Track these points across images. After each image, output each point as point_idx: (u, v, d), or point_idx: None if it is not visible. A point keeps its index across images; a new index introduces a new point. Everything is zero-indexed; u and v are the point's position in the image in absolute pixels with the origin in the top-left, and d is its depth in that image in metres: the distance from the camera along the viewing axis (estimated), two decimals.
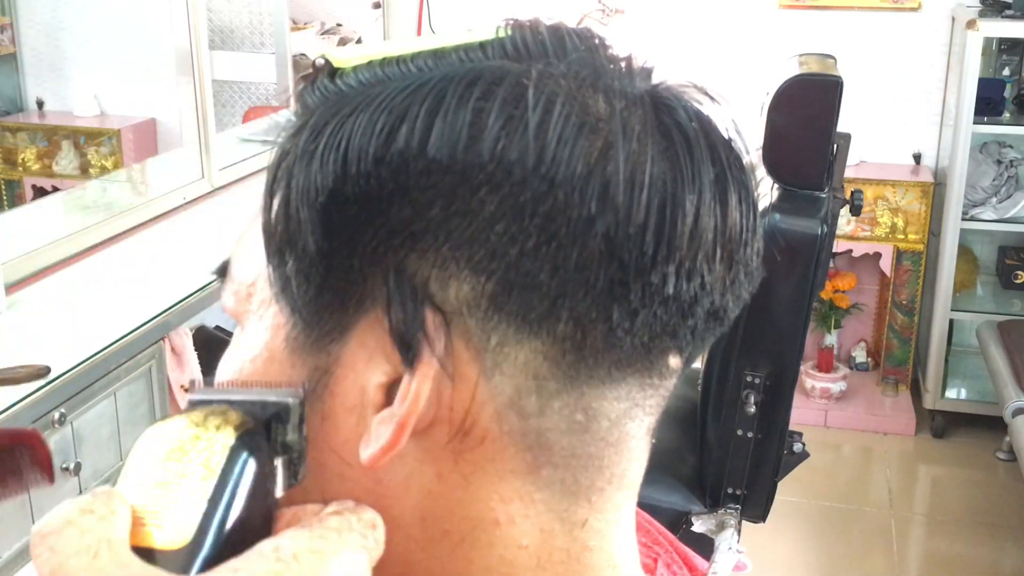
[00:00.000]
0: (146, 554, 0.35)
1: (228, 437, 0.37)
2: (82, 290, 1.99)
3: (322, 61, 0.43)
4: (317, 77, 0.43)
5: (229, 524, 0.36)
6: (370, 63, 0.43)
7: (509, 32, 0.43)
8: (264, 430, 0.39)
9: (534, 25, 0.43)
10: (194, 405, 0.39)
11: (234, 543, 0.36)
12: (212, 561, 0.35)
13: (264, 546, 0.34)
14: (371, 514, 0.38)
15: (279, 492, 0.39)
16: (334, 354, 0.41)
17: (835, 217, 2.01)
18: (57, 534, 0.34)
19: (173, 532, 0.35)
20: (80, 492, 1.65)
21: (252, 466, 0.37)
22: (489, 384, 0.40)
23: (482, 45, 0.42)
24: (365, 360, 0.40)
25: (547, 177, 0.38)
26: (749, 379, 1.89)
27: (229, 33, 3.46)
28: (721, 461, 1.95)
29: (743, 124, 0.44)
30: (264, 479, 0.38)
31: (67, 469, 1.60)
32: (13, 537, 1.52)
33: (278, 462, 0.39)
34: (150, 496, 0.36)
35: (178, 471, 0.36)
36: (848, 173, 2.75)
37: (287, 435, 0.39)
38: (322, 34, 3.77)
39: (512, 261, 0.39)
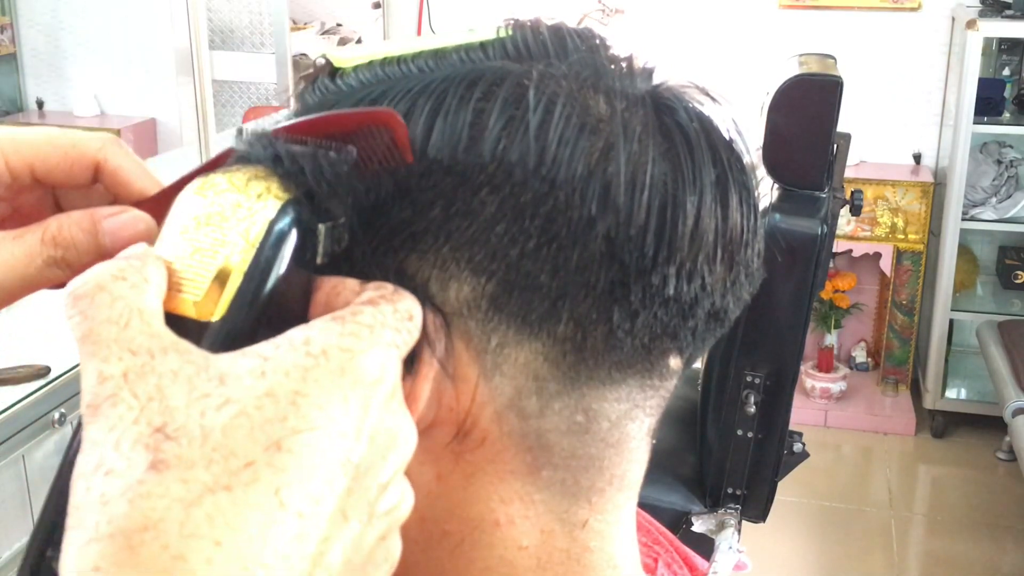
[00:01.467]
0: (178, 321, 0.33)
1: (269, 209, 0.35)
2: None
3: (323, 61, 0.43)
4: (317, 77, 0.43)
5: (264, 299, 0.34)
6: (370, 63, 0.43)
7: (510, 32, 0.42)
8: (307, 196, 0.36)
9: (535, 25, 0.43)
10: (240, 160, 0.37)
11: (269, 317, 0.34)
12: (243, 336, 0.33)
13: (295, 335, 0.33)
14: (408, 303, 0.36)
15: (319, 259, 0.37)
16: None
17: (835, 217, 2.01)
18: (89, 299, 0.32)
19: (207, 303, 0.34)
20: None
21: (292, 240, 0.35)
22: (489, 385, 0.40)
23: (483, 45, 0.42)
24: None
25: (548, 178, 0.38)
26: (749, 379, 1.89)
27: (229, 33, 3.46)
28: (721, 461, 1.95)
29: (744, 124, 0.44)
30: (304, 250, 0.36)
31: None
32: (13, 537, 1.52)
33: (321, 228, 0.36)
34: (187, 262, 0.34)
35: (216, 239, 0.34)
36: (848, 173, 2.75)
37: (332, 202, 0.36)
38: (322, 34, 3.77)
39: (512, 262, 0.39)
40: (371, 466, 0.33)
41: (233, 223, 0.34)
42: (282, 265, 0.35)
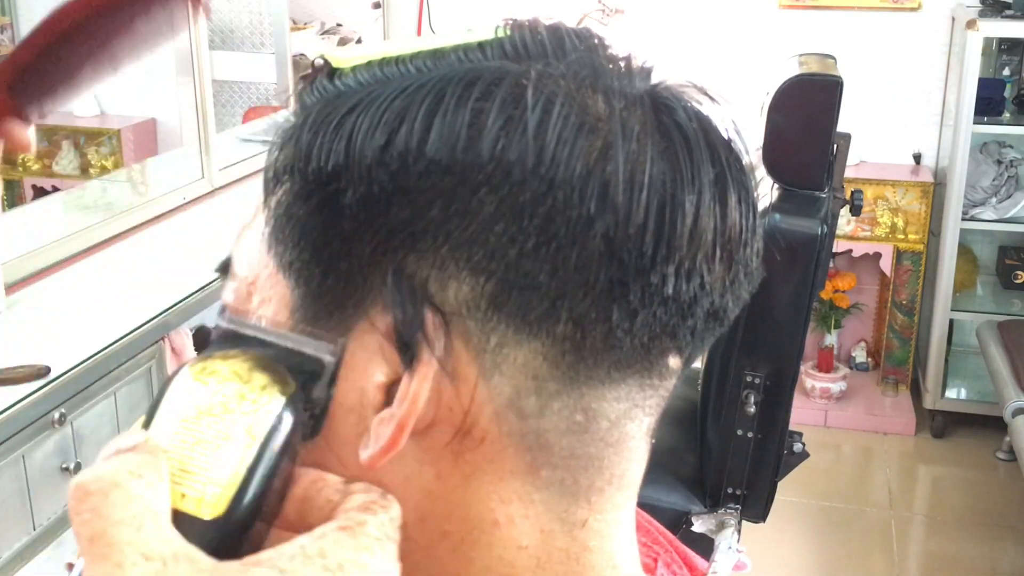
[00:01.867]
0: (177, 517, 0.33)
1: (274, 403, 0.35)
2: (82, 290, 1.99)
3: (321, 61, 0.43)
4: (316, 77, 0.43)
5: (260, 498, 0.35)
6: (369, 63, 0.43)
7: (508, 32, 0.42)
8: (300, 387, 0.37)
9: (533, 25, 0.43)
10: (227, 338, 0.37)
11: (261, 513, 0.35)
12: (235, 533, 0.34)
13: (308, 546, 0.33)
14: (397, 510, 0.38)
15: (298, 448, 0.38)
16: None
17: (835, 217, 2.01)
18: (103, 496, 0.31)
19: (209, 500, 0.34)
20: None
21: (292, 434, 0.36)
22: (488, 385, 0.40)
23: (481, 45, 0.42)
24: (365, 360, 0.40)
25: (546, 177, 0.38)
26: (749, 379, 1.89)
27: (229, 33, 3.46)
28: (721, 461, 1.95)
29: (743, 124, 0.44)
30: (296, 443, 0.36)
31: (67, 469, 1.60)
32: (13, 537, 1.52)
33: (305, 416, 0.37)
34: (189, 454, 0.34)
35: (220, 431, 0.34)
36: (848, 173, 2.75)
37: (316, 391, 0.38)
38: (322, 34, 3.77)
39: (511, 262, 0.39)
40: None
41: (238, 416, 0.35)
42: (281, 461, 0.35)
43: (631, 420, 0.43)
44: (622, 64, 0.43)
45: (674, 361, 0.43)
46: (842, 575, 2.91)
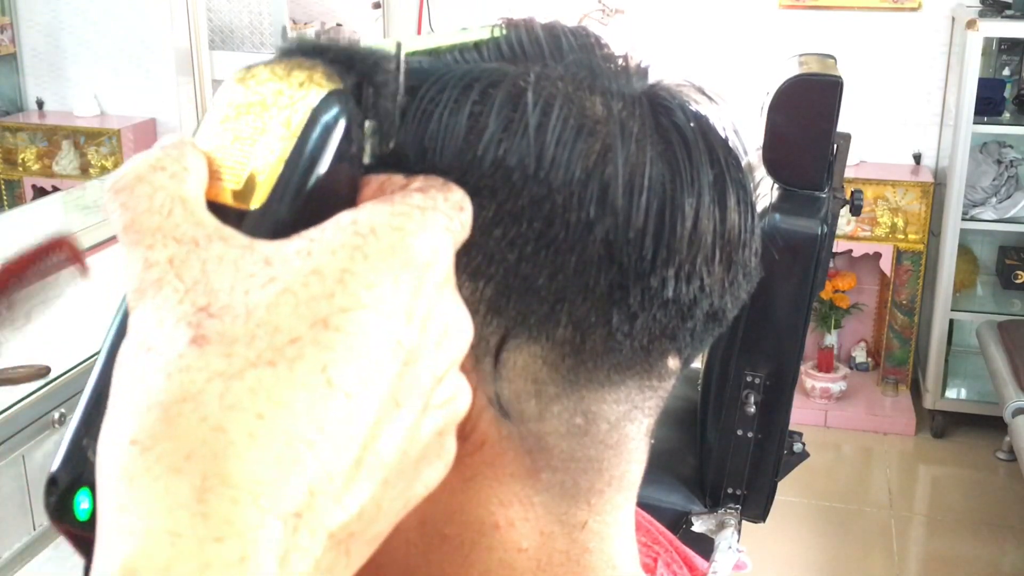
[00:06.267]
0: (219, 210, 0.33)
1: (312, 97, 0.34)
2: (82, 290, 1.98)
3: None
4: None
5: (306, 189, 0.33)
6: None
7: (504, 32, 0.42)
8: (355, 91, 0.35)
9: (529, 25, 0.42)
10: (283, 55, 0.36)
11: (312, 209, 0.33)
12: (287, 226, 0.32)
13: (342, 217, 0.32)
14: (459, 194, 0.35)
15: (367, 159, 0.36)
16: None
17: (835, 217, 2.01)
18: (128, 191, 0.32)
19: (246, 192, 0.33)
20: None
21: (337, 132, 0.34)
22: (488, 389, 0.40)
23: (477, 46, 0.42)
24: None
25: (545, 181, 0.38)
26: (749, 379, 1.89)
27: (229, 33, 3.46)
28: (721, 461, 1.95)
29: (742, 124, 0.44)
30: (349, 143, 0.35)
31: None
32: (13, 537, 1.52)
33: (368, 124, 0.36)
34: (227, 150, 0.34)
35: (256, 127, 0.34)
36: (848, 173, 2.75)
37: (379, 99, 0.36)
38: (322, 34, 3.77)
39: (511, 266, 0.38)
40: (423, 354, 0.31)
41: (274, 111, 0.34)
42: (325, 156, 0.34)
43: (631, 422, 0.43)
44: (619, 64, 0.42)
45: (673, 362, 0.43)
46: (842, 575, 2.91)
